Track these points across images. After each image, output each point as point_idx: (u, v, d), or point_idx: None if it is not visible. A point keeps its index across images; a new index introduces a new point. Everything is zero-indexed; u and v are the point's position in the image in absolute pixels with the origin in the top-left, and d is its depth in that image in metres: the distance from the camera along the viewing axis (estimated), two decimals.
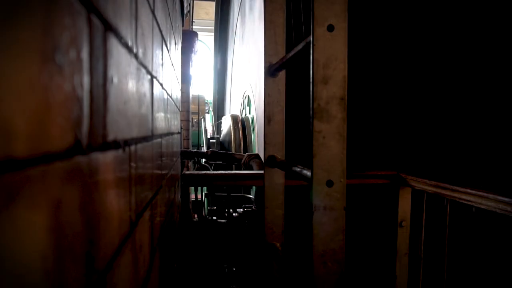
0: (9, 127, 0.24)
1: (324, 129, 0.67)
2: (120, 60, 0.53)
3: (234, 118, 4.20)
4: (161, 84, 1.05)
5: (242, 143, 4.04)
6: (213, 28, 7.16)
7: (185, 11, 2.54)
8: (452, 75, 2.41)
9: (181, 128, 3.70)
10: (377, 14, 2.52)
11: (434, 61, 2.44)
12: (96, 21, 0.41)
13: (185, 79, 3.83)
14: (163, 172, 1.16)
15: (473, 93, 2.37)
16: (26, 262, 0.26)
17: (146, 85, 0.77)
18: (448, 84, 2.41)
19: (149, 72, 0.80)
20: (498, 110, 2.30)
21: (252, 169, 2.54)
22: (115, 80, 0.50)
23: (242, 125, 4.13)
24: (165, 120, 1.18)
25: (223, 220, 2.24)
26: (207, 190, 3.28)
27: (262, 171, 1.40)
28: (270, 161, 1.07)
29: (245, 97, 4.48)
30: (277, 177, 1.09)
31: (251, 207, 2.35)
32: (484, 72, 2.34)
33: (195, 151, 3.08)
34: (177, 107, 1.84)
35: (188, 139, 6.45)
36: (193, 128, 7.92)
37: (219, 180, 2.09)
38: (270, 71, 1.07)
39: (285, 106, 1.11)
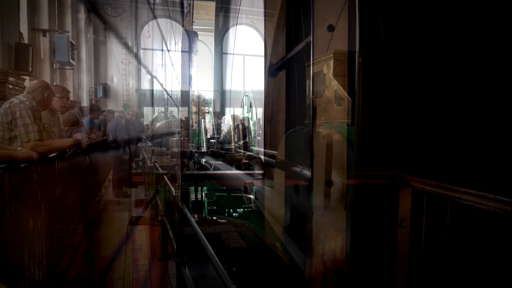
0: None
1: (324, 129, 0.67)
2: (120, 60, 0.52)
3: (234, 118, 4.20)
4: (161, 84, 1.05)
5: (242, 143, 4.04)
6: (213, 28, 7.15)
7: (185, 11, 2.55)
8: (452, 75, 2.40)
9: (181, 128, 3.68)
10: (375, 14, 2.52)
11: (434, 61, 2.44)
12: (96, 20, 0.41)
13: (185, 79, 3.82)
14: (163, 171, 1.16)
15: (473, 93, 2.36)
16: None
17: (146, 85, 0.77)
18: (448, 84, 2.40)
19: (149, 72, 0.80)
20: (498, 110, 2.29)
21: (252, 169, 2.53)
22: (115, 80, 0.50)
23: (242, 125, 4.13)
24: (165, 120, 1.18)
25: (223, 220, 2.24)
26: (207, 190, 3.27)
27: (262, 171, 1.40)
28: (270, 161, 1.07)
29: (245, 97, 4.48)
30: (277, 177, 1.09)
31: (251, 207, 2.34)
32: (484, 72, 2.33)
33: (195, 151, 3.07)
34: (177, 107, 1.84)
35: (188, 139, 6.45)
36: (193, 128, 7.92)
37: (219, 180, 2.09)
38: (270, 71, 1.07)
39: (285, 106, 1.11)
